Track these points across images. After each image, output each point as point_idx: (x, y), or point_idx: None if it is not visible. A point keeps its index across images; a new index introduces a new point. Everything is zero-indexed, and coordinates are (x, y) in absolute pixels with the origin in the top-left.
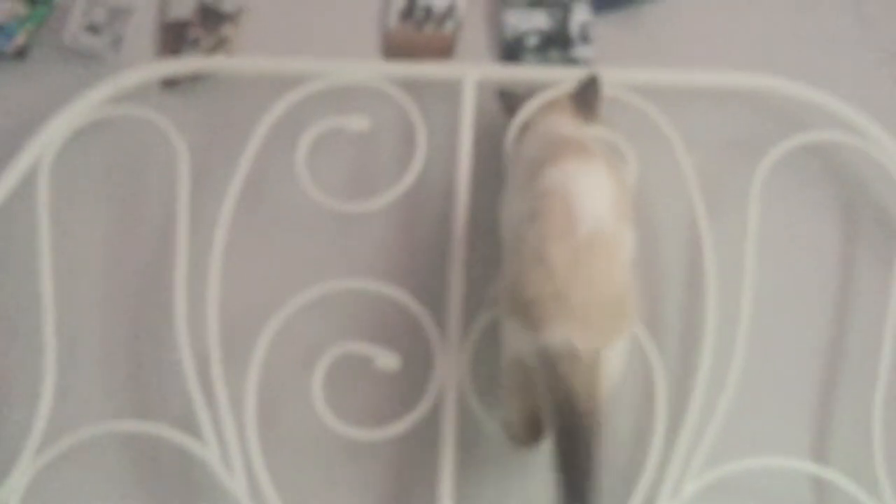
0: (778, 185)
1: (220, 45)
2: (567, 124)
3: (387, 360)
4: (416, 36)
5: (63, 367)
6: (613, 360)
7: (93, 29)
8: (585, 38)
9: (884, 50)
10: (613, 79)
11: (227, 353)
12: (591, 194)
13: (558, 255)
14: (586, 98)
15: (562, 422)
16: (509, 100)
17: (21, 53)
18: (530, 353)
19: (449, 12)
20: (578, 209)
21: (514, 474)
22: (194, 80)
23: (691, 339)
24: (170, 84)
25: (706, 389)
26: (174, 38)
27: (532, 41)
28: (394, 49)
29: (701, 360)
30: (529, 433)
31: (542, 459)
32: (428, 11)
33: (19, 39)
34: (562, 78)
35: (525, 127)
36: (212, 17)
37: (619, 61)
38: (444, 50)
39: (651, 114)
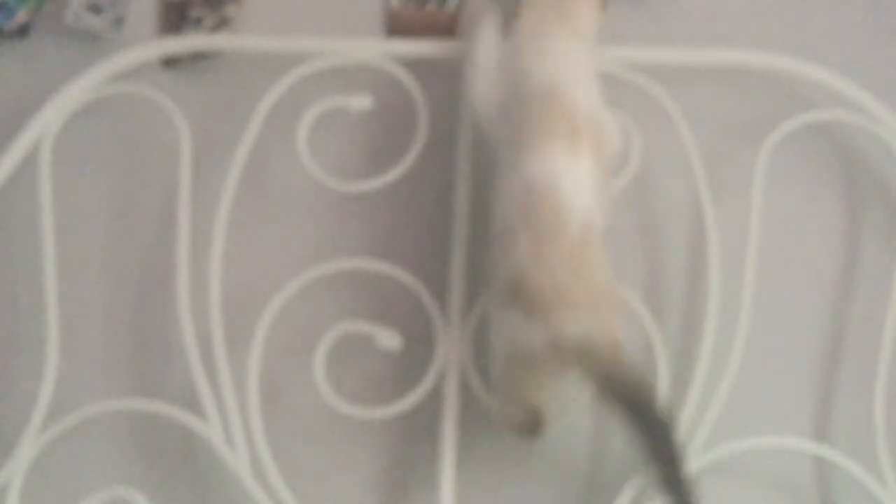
0: (782, 165)
1: (222, 25)
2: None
3: (388, 340)
4: (418, 14)
5: (66, 346)
6: None
7: (94, 8)
8: None
9: (890, 28)
10: (617, 57)
11: (230, 333)
12: (578, 189)
13: (555, 255)
14: None
15: (640, 411)
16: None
17: (22, 31)
18: (538, 344)
19: None
20: (568, 207)
21: (515, 453)
22: (196, 58)
23: (693, 319)
24: (171, 63)
25: (708, 369)
26: (176, 17)
27: None
28: (396, 27)
29: (703, 340)
30: (531, 426)
31: (545, 440)
32: None
33: (21, 17)
34: None
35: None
36: None
37: (622, 40)
38: (446, 28)
39: (655, 93)
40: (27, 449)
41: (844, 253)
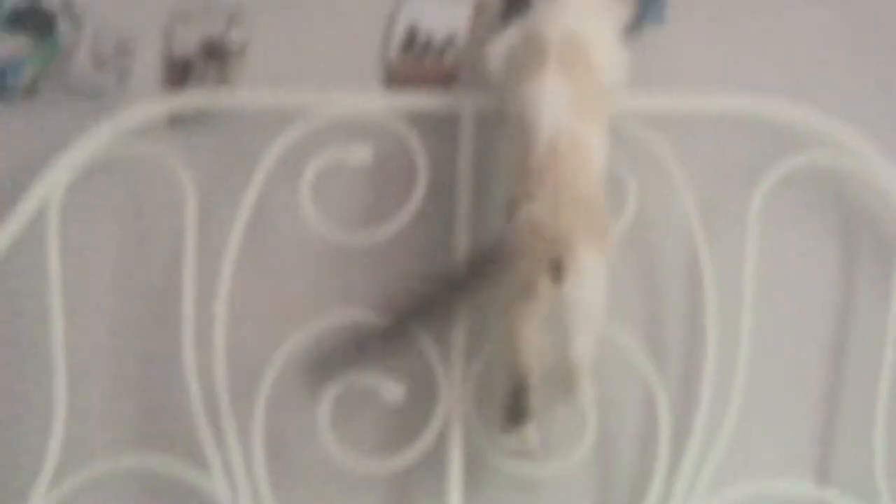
0: (776, 208)
1: (224, 80)
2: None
3: (392, 392)
4: (417, 66)
5: (73, 402)
6: (591, 282)
7: (99, 65)
8: None
9: (881, 71)
10: None
11: (235, 386)
12: (544, 105)
13: (526, 164)
14: None
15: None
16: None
17: (30, 91)
18: (513, 239)
19: (449, 43)
20: (535, 122)
21: (521, 501)
22: (199, 114)
23: (693, 363)
24: (175, 119)
25: (709, 413)
26: (179, 73)
27: None
28: (396, 79)
29: (703, 384)
30: (517, 409)
31: (549, 488)
32: (428, 42)
33: (27, 77)
34: None
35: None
36: (216, 53)
37: None
38: (444, 80)
39: (649, 139)
40: None
41: (840, 294)
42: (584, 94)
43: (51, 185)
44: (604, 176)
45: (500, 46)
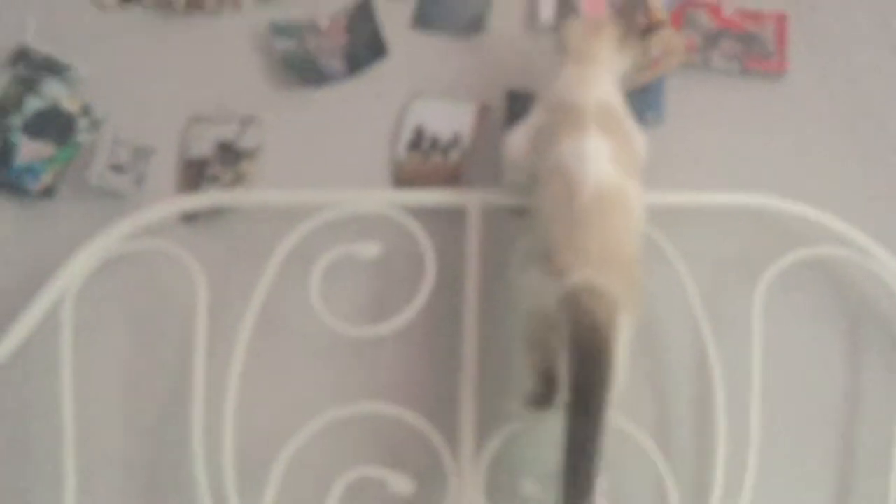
0: (780, 301)
1: (237, 181)
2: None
3: (401, 485)
4: (423, 165)
5: (83, 496)
6: (621, 343)
7: (117, 168)
8: None
9: (873, 164)
10: None
11: (244, 479)
12: (589, 157)
13: (572, 214)
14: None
15: (583, 346)
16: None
17: (48, 192)
18: (552, 301)
19: (454, 142)
20: (580, 172)
21: None
22: (212, 213)
23: (704, 455)
24: (189, 218)
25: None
26: (194, 174)
27: None
28: (404, 178)
29: (714, 476)
30: (546, 388)
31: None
32: (434, 142)
33: (47, 179)
34: None
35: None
36: (230, 154)
37: None
38: (450, 178)
39: (653, 235)
40: None
41: (847, 384)
42: (622, 153)
43: (66, 281)
44: (642, 235)
45: (520, 131)
